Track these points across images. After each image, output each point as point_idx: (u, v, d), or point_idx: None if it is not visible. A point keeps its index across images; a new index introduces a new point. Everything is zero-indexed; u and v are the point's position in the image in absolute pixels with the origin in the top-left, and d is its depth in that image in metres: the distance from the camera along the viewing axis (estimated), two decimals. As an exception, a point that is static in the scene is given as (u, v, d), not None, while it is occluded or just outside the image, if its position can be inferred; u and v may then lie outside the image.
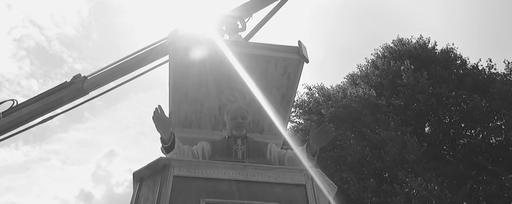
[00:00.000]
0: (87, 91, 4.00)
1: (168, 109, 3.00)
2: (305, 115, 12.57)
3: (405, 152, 9.06)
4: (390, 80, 13.23)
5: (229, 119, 2.64)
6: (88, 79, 4.00)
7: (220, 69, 2.79)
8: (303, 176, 1.89)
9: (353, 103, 11.40)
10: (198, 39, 2.68)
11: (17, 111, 3.95)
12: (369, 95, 12.11)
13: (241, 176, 1.82)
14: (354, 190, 8.79)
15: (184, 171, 1.77)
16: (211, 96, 2.94)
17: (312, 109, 12.60)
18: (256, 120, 3.14)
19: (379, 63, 14.34)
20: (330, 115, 11.15)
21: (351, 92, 12.27)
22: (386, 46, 15.16)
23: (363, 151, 9.92)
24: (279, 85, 2.93)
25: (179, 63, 2.73)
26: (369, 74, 14.41)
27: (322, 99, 12.72)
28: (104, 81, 4.00)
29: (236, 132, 2.54)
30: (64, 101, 3.99)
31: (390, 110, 11.33)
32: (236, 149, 2.36)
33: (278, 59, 2.76)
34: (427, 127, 12.34)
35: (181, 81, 2.83)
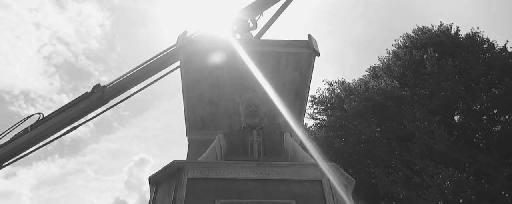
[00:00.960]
0: (107, 100, 4.08)
1: (184, 113, 3.02)
2: (327, 111, 12.39)
3: (433, 143, 8.76)
4: (413, 70, 12.86)
5: (243, 108, 2.63)
6: (107, 88, 4.09)
7: (231, 69, 2.78)
8: (318, 172, 1.85)
9: (376, 96, 11.14)
10: (206, 41, 2.69)
11: (43, 124, 4.08)
12: (392, 87, 11.80)
13: (256, 174, 1.80)
14: (382, 184, 8.58)
15: (198, 173, 1.76)
16: (225, 96, 2.93)
17: (334, 104, 12.41)
18: (272, 117, 3.11)
19: (401, 54, 13.97)
20: (353, 109, 10.94)
21: (373, 85, 12.00)
22: (407, 36, 14.76)
23: (389, 144, 9.67)
24: (292, 81, 2.89)
25: (190, 66, 2.74)
26: (391, 65, 14.06)
27: (343, 94, 12.51)
28: (122, 89, 4.07)
29: (249, 120, 2.51)
30: (86, 111, 4.08)
31: (415, 100, 11.00)
32: (252, 142, 2.32)
33: (288, 54, 2.73)
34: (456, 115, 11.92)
35: (193, 84, 2.84)
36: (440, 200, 7.96)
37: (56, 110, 4.24)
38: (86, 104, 4.08)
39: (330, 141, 10.66)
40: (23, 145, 4.01)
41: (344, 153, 10.33)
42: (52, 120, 4.08)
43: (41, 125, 4.10)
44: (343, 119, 10.98)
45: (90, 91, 4.21)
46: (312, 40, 2.73)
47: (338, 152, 10.37)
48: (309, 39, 2.73)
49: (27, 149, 4.07)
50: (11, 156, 4.04)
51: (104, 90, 4.10)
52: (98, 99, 4.04)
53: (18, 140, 4.03)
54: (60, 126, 4.10)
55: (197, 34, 3.96)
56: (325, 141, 10.62)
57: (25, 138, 4.01)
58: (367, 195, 9.42)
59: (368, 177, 9.47)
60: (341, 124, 10.98)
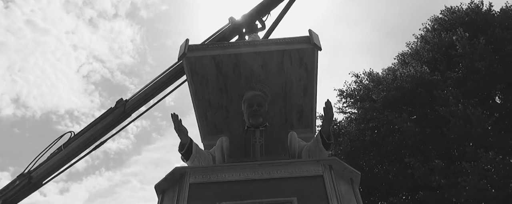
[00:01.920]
0: (129, 113, 4.25)
1: (196, 119, 3.09)
2: (356, 103, 12.15)
3: (470, 127, 8.35)
4: (443, 52, 12.34)
5: (245, 107, 2.59)
6: (128, 102, 4.25)
7: (236, 72, 2.82)
8: (319, 167, 1.84)
9: (405, 83, 10.78)
10: (208, 47, 2.74)
11: (74, 141, 4.30)
12: (422, 73, 11.37)
13: (257, 175, 1.82)
14: (419, 174, 8.29)
15: (200, 177, 1.81)
16: (234, 100, 2.97)
17: (363, 96, 12.14)
18: (284, 116, 3.12)
19: (429, 37, 13.44)
20: (382, 99, 10.65)
21: (402, 73, 11.62)
22: (434, 18, 14.17)
23: (423, 132, 9.33)
24: (299, 78, 2.89)
25: (194, 73, 2.80)
26: (419, 50, 13.56)
27: (372, 84, 12.20)
28: (143, 101, 4.22)
29: (253, 120, 2.48)
30: (112, 125, 4.26)
31: (447, 84, 10.55)
32: (254, 143, 2.29)
33: (291, 51, 2.73)
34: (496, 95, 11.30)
35: (200, 90, 2.90)
36: (483, 185, 7.56)
37: (85, 127, 4.47)
38: (111, 118, 4.25)
39: (362, 134, 10.44)
40: (59, 162, 4.25)
41: (377, 145, 10.08)
42: (82, 137, 4.29)
43: (73, 142, 4.33)
44: (373, 110, 10.71)
45: (113, 106, 4.41)
46: (313, 35, 2.72)
47: (371, 144, 10.14)
48: (310, 34, 2.72)
49: (63, 166, 4.31)
50: (49, 174, 4.29)
51: (126, 104, 4.27)
52: (121, 113, 4.21)
53: (53, 158, 4.27)
54: (90, 141, 4.30)
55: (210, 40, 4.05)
56: (356, 135, 10.42)
57: (60, 156, 4.24)
58: (404, 187, 9.14)
59: (404, 168, 9.19)
60: (371, 115, 10.72)
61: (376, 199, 10.17)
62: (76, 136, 4.40)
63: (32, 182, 4.23)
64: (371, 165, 10.06)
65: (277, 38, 2.77)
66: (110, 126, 4.26)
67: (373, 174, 9.86)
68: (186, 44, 2.70)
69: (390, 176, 9.52)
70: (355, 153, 10.16)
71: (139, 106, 4.28)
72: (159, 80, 4.14)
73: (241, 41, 3.42)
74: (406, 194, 9.70)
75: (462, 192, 7.60)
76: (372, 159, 10.02)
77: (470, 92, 10.24)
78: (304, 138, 3.11)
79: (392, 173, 9.48)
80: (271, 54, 2.73)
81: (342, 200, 1.71)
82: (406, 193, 9.69)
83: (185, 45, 2.69)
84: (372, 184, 9.73)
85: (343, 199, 1.73)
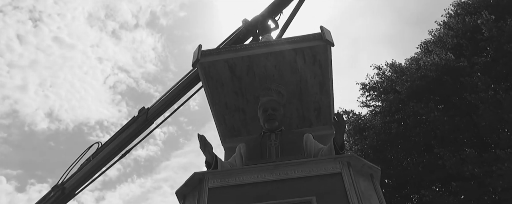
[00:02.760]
0: (152, 120, 4.34)
1: (214, 123, 3.12)
2: (380, 96, 11.90)
3: (502, 112, 8.01)
4: (468, 38, 11.90)
5: (260, 113, 2.62)
6: (150, 110, 4.35)
7: (250, 74, 2.83)
8: (337, 164, 1.81)
9: (429, 72, 10.46)
10: (221, 51, 2.76)
11: (102, 151, 4.44)
12: (447, 60, 10.99)
13: (274, 176, 1.82)
14: (450, 164, 8.02)
15: (218, 182, 1.83)
16: (250, 101, 2.98)
17: (387, 88, 11.88)
18: (301, 115, 3.10)
19: (452, 23, 13.00)
20: (407, 90, 10.38)
21: (425, 62, 11.28)
22: (457, 3, 13.69)
23: (452, 121, 9.02)
24: (313, 75, 2.86)
25: (210, 77, 2.83)
26: (442, 37, 13.13)
27: (394, 76, 11.92)
28: (164, 108, 4.30)
29: (268, 125, 2.50)
30: (136, 134, 4.37)
31: (474, 70, 10.16)
32: (270, 146, 2.32)
33: (304, 49, 2.71)
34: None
35: (216, 94, 2.93)
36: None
37: (111, 137, 4.60)
38: (134, 127, 4.36)
39: (388, 127, 10.21)
40: (89, 172, 4.39)
41: (404, 137, 9.83)
42: (109, 146, 4.42)
43: (100, 152, 4.46)
44: (397, 102, 10.47)
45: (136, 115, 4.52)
46: (325, 31, 2.69)
47: (398, 137, 9.91)
48: (322, 30, 2.69)
49: (94, 175, 4.46)
50: (81, 184, 4.45)
51: (147, 112, 4.37)
52: (144, 121, 4.30)
53: (83, 169, 4.42)
54: (117, 150, 4.43)
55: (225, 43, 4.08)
56: (382, 128, 10.20)
57: (89, 166, 4.38)
58: (436, 178, 8.87)
59: (434, 159, 8.92)
60: (396, 107, 10.48)
61: (408, 192, 9.94)
62: (103, 146, 4.54)
63: (65, 193, 4.39)
64: (399, 158, 9.83)
65: (289, 37, 2.76)
66: (134, 134, 4.36)
67: (403, 167, 9.63)
68: (199, 50, 2.73)
69: (420, 168, 9.27)
70: (381, 146, 9.96)
71: (161, 113, 4.36)
72: (178, 87, 4.20)
73: (252, 42, 3.43)
74: (439, 186, 9.42)
75: (498, 180, 7.30)
76: (400, 152, 9.79)
77: (500, 77, 9.83)
78: (325, 135, 3.10)
79: (421, 165, 9.22)
80: (284, 54, 2.73)
81: (362, 197, 1.69)
82: (438, 185, 9.41)
83: (198, 51, 2.73)
84: (402, 178, 9.51)
85: (363, 196, 1.71)
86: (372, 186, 1.85)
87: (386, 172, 9.55)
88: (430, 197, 7.99)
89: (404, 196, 10.11)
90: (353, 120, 11.46)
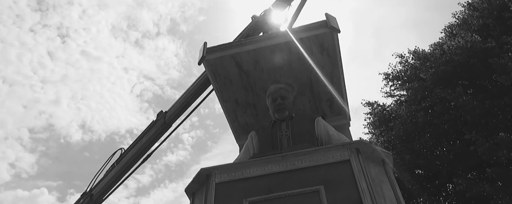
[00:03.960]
0: (170, 123, 4.39)
1: (227, 121, 3.11)
2: (404, 85, 11.54)
3: (536, 92, 7.58)
4: (495, 17, 11.35)
5: (269, 102, 2.55)
6: (167, 113, 4.41)
7: (257, 68, 2.80)
8: (346, 151, 1.75)
9: (454, 56, 10.05)
10: (226, 47, 2.74)
11: (125, 157, 4.54)
12: (473, 42, 10.53)
13: (281, 167, 1.78)
14: (483, 150, 7.65)
15: (225, 176, 1.80)
16: (261, 96, 2.95)
17: (410, 76, 11.51)
18: (314, 106, 3.04)
19: (477, 3, 12.45)
20: (432, 77, 10.01)
21: (450, 46, 10.85)
22: (481, -18, 13.10)
23: (482, 105, 8.62)
24: (322, 64, 2.80)
25: (218, 74, 2.82)
26: (467, 19, 12.60)
27: (418, 63, 11.53)
28: (180, 110, 4.34)
29: (278, 115, 2.43)
30: (156, 138, 4.44)
31: (504, 50, 9.68)
32: (281, 137, 2.26)
33: (310, 38, 2.65)
34: None
35: (226, 91, 2.91)
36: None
37: (132, 143, 4.69)
38: (154, 131, 4.43)
39: (414, 116, 9.89)
40: (114, 178, 4.50)
41: (433, 125, 9.48)
42: (131, 152, 4.51)
43: (123, 158, 4.56)
44: (423, 89, 10.11)
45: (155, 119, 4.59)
46: (330, 18, 2.62)
47: (426, 125, 9.57)
48: (327, 17, 2.63)
49: (119, 180, 4.57)
50: (107, 190, 4.56)
51: (165, 115, 4.43)
52: (162, 125, 4.37)
53: (109, 175, 4.53)
54: (138, 155, 4.51)
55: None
56: (408, 117, 9.88)
57: (114, 172, 4.49)
58: (469, 165, 8.50)
59: (465, 146, 8.55)
60: (422, 95, 10.12)
61: (441, 182, 9.58)
62: (125, 152, 4.64)
63: (93, 199, 4.52)
64: (428, 147, 9.49)
65: (293, 27, 2.71)
66: (154, 137, 4.43)
67: (433, 156, 9.30)
68: (204, 48, 2.73)
69: (451, 156, 8.91)
70: (409, 136, 9.65)
71: (178, 116, 4.41)
72: (192, 89, 4.23)
73: (257, 36, 3.40)
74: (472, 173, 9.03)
75: (536, 164, 6.91)
76: (428, 140, 9.45)
77: (531, 55, 9.31)
78: (340, 125, 3.02)
79: (453, 153, 8.86)
80: (289, 45, 2.68)
81: (372, 183, 1.62)
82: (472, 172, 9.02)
83: (203, 48, 2.72)
84: (433, 167, 9.18)
85: (373, 182, 1.64)
86: (384, 171, 1.77)
87: (416, 162, 9.25)
88: (464, 185, 7.66)
89: (437, 187, 9.76)
90: (378, 111, 11.18)
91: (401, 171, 9.11)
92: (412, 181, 9.48)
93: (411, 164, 9.24)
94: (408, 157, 9.13)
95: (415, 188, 9.65)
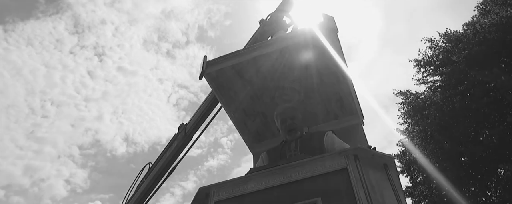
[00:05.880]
0: (190, 135, 4.46)
1: (238, 131, 3.10)
2: (437, 70, 10.99)
3: None
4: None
5: (279, 124, 2.47)
6: (187, 125, 4.48)
7: (260, 76, 2.76)
8: (343, 159, 1.68)
9: (488, 34, 9.44)
10: (225, 58, 2.73)
11: (152, 172, 4.66)
12: (508, 17, 9.84)
13: (279, 180, 1.73)
14: (529, 132, 7.12)
15: (224, 194, 1.79)
16: (267, 103, 2.92)
17: (443, 60, 10.94)
18: (324, 108, 2.96)
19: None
20: (465, 59, 9.47)
21: (483, 24, 10.20)
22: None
23: (524, 83, 8.03)
24: (325, 65, 2.71)
25: (221, 87, 2.82)
26: (500, -7, 11.80)
27: (449, 46, 10.95)
28: (199, 121, 4.39)
29: (290, 136, 2.35)
30: (179, 150, 4.52)
31: (544, 22, 8.97)
32: (289, 156, 2.20)
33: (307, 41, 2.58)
34: None
35: (232, 102, 2.90)
36: None
37: (158, 156, 4.81)
38: (176, 144, 4.51)
39: (450, 101, 9.39)
40: (144, 192, 4.63)
41: (471, 110, 8.96)
42: (157, 166, 4.63)
43: (151, 172, 4.69)
44: (457, 73, 9.58)
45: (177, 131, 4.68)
46: (327, 18, 2.54)
47: (463, 110, 9.05)
48: (324, 18, 2.55)
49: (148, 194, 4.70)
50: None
51: (185, 127, 4.50)
52: (183, 137, 4.44)
53: (139, 190, 4.67)
54: (164, 168, 4.62)
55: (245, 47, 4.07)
56: (444, 104, 9.40)
57: (143, 187, 4.62)
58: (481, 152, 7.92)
59: (509, 129, 8.00)
60: (457, 79, 9.59)
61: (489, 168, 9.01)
62: (152, 166, 4.76)
63: (128, 215, 4.66)
64: (468, 133, 8.97)
65: (289, 32, 2.66)
66: (177, 150, 4.52)
67: (475, 142, 8.78)
68: (204, 62, 2.74)
69: (495, 140, 8.37)
70: (446, 123, 9.17)
71: (197, 127, 4.46)
72: (208, 99, 4.27)
73: (255, 44, 3.35)
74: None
75: None
76: (468, 126, 8.93)
77: None
78: (353, 126, 2.93)
79: (496, 137, 8.32)
80: (288, 50, 2.62)
81: (372, 190, 1.54)
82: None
83: (203, 62, 2.73)
84: (475, 154, 8.66)
85: (373, 189, 1.56)
86: (386, 176, 1.68)
87: (457, 150, 8.77)
88: None
89: (485, 173, 9.20)
90: (411, 100, 10.72)
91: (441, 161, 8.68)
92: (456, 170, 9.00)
93: (452, 152, 8.78)
94: (447, 145, 8.68)
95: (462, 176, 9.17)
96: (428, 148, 9.16)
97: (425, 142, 9.37)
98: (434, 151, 9.10)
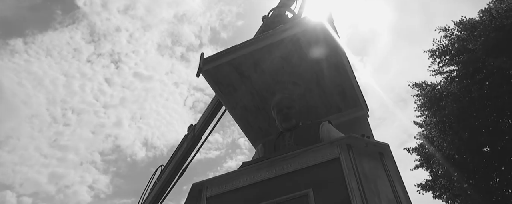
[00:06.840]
0: (199, 136, 4.47)
1: (240, 128, 3.07)
2: (453, 59, 10.68)
3: None
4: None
5: (275, 114, 2.45)
6: (196, 126, 4.49)
7: (258, 71, 2.73)
8: (335, 149, 1.63)
9: (505, 20, 9.12)
10: (222, 54, 2.70)
11: (164, 174, 4.69)
12: (525, 1, 9.48)
13: (270, 174, 1.70)
14: (553, 119, 6.82)
15: (216, 189, 1.77)
16: (268, 98, 2.88)
17: (459, 49, 10.62)
18: (326, 101, 2.90)
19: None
20: (482, 46, 9.16)
21: (499, 9, 9.86)
22: None
23: (545, 68, 7.71)
24: (325, 57, 2.66)
25: (220, 83, 2.80)
26: (517, -24, 11.38)
27: (465, 34, 10.62)
28: (206, 122, 4.39)
29: (286, 124, 2.33)
30: (189, 151, 4.54)
31: (562, 4, 8.60)
32: (283, 147, 2.16)
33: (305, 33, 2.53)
34: None
35: (232, 99, 2.88)
36: None
37: (169, 158, 4.84)
38: (186, 144, 4.53)
39: (468, 91, 9.10)
40: (157, 194, 4.67)
41: (490, 99, 8.66)
42: (168, 168, 4.66)
43: (163, 175, 4.73)
44: (474, 61, 9.28)
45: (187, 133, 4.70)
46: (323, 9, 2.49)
47: (482, 99, 8.76)
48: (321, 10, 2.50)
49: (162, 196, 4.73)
50: (154, 206, 4.73)
51: (194, 128, 4.51)
52: (192, 138, 4.45)
53: (152, 192, 4.71)
54: (175, 169, 4.64)
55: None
56: (461, 93, 9.12)
57: (156, 189, 4.66)
58: None
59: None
60: (474, 68, 9.30)
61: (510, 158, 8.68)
62: (164, 168, 4.80)
63: (143, 218, 4.71)
64: (488, 123, 8.67)
65: (286, 24, 2.62)
66: (187, 151, 4.53)
67: (497, 131, 8.47)
68: (201, 59, 2.72)
69: (517, 129, 8.06)
70: (465, 113, 8.89)
71: (206, 127, 4.47)
72: (214, 99, 4.27)
73: (251, 38, 3.33)
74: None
75: None
76: (488, 115, 8.63)
77: None
78: (358, 118, 2.86)
79: (517, 126, 8.01)
80: (285, 42, 2.58)
81: (364, 180, 1.49)
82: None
83: (200, 60, 2.72)
84: (497, 144, 8.36)
85: (366, 179, 1.51)
86: (381, 165, 1.62)
87: (477, 140, 8.49)
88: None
89: (507, 164, 8.87)
90: (427, 92, 10.44)
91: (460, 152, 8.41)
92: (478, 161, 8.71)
93: (472, 142, 8.50)
94: (466, 135, 8.41)
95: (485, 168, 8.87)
96: (447, 140, 8.90)
97: (444, 134, 9.11)
98: (453, 143, 8.83)
